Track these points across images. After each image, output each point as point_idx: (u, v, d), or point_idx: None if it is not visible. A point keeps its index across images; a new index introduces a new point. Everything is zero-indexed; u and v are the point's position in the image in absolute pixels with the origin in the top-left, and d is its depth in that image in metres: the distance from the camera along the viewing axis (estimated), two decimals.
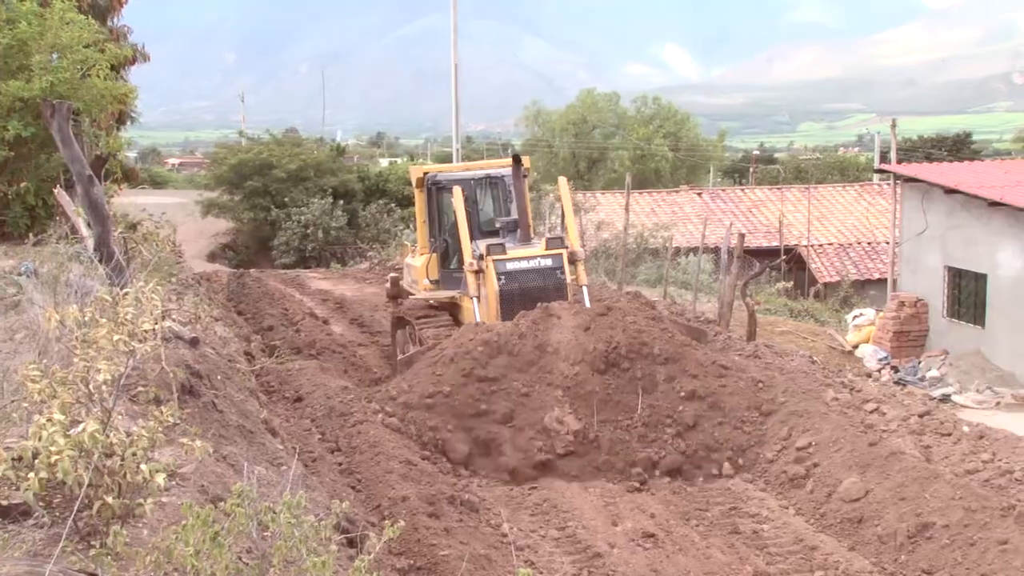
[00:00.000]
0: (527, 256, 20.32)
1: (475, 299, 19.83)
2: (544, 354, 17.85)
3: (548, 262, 20.24)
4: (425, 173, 23.55)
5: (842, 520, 15.40)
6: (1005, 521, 14.65)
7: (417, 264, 23.02)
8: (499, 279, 19.71)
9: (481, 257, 19.79)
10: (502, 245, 20.34)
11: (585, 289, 20.70)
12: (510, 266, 19.93)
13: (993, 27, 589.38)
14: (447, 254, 22.52)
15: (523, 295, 19.61)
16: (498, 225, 21.92)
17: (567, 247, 20.68)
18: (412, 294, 23.40)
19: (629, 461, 16.81)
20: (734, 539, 14.95)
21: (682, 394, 17.53)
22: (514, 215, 22.14)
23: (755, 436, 17.40)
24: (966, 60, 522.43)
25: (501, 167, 23.62)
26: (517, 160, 21.96)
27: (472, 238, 20.50)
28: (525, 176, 22.23)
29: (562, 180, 23.54)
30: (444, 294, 22.09)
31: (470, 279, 19.95)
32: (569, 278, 20.47)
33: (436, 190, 22.87)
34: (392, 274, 26.47)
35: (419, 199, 23.39)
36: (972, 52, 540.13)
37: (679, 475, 16.88)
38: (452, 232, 22.03)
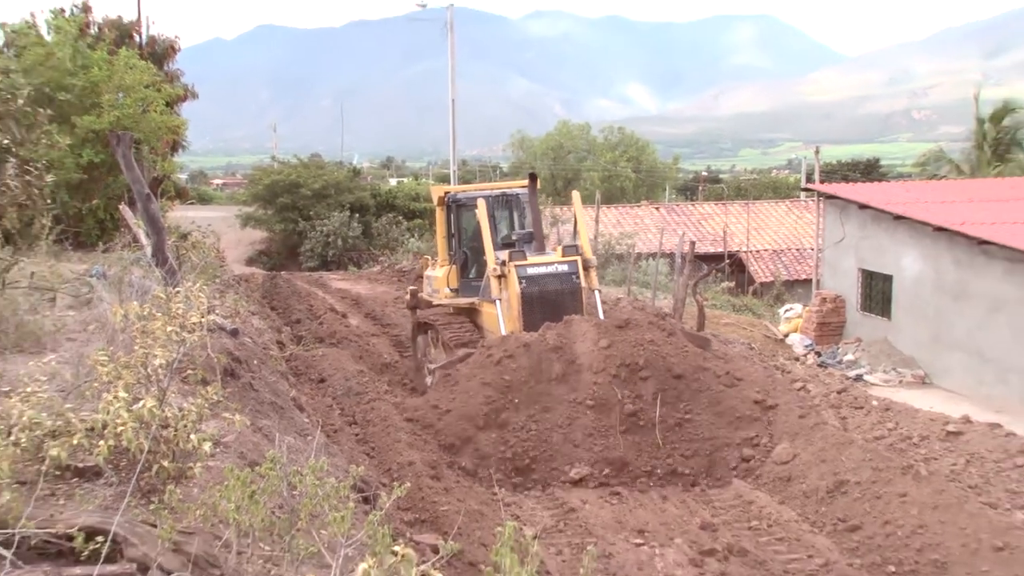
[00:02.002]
0: (545, 262, 19.22)
1: (497, 301, 18.79)
2: (570, 367, 16.82)
3: (564, 268, 19.13)
4: (446, 193, 22.32)
5: (774, 479, 15.58)
6: (904, 478, 14.84)
7: (438, 275, 21.85)
8: (520, 283, 18.62)
9: (503, 263, 18.74)
10: (523, 252, 19.30)
11: (597, 293, 19.78)
12: (530, 271, 18.83)
13: (896, 72, 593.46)
14: (466, 265, 21.41)
15: (542, 298, 18.68)
16: (514, 238, 20.65)
17: (581, 254, 19.49)
18: (431, 304, 22.26)
19: (648, 474, 15.79)
20: (686, 496, 15.13)
21: (698, 407, 16.59)
22: (528, 228, 21.17)
23: (762, 442, 16.34)
24: (874, 99, 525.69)
25: (515, 187, 22.72)
26: (533, 178, 21.19)
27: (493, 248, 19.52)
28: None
29: (575, 195, 22.27)
30: (464, 300, 20.90)
31: (493, 283, 18.95)
32: (583, 283, 19.31)
33: (456, 208, 21.68)
34: (411, 287, 24.83)
35: (440, 216, 22.18)
36: (879, 92, 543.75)
37: (693, 485, 15.74)
38: (470, 245, 21.25)
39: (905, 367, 26.96)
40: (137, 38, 35.86)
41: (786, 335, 30.77)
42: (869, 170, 78.13)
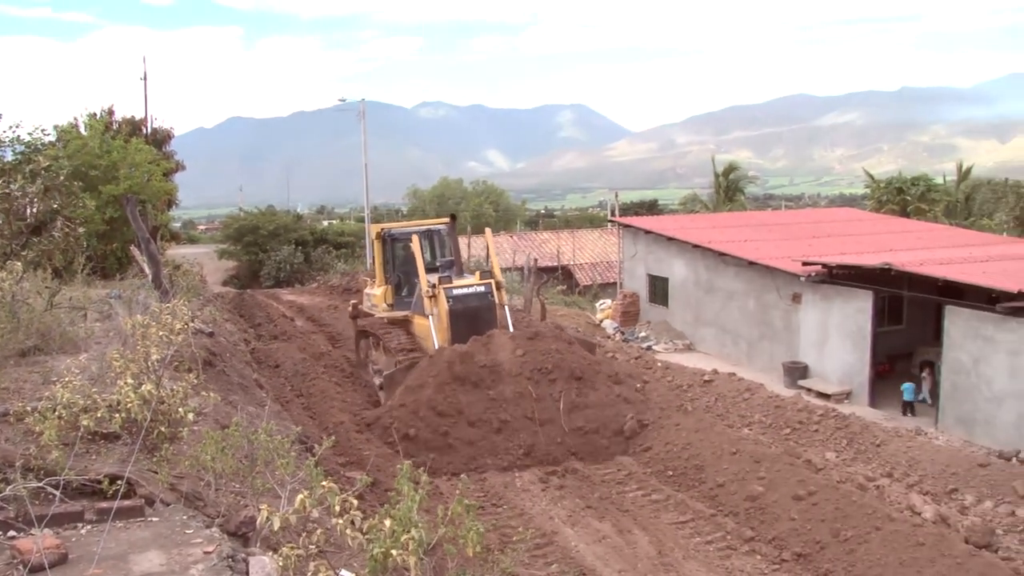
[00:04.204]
0: (467, 284, 17.87)
1: (430, 316, 17.34)
2: (494, 372, 15.67)
3: (482, 288, 17.77)
4: (383, 229, 20.50)
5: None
6: (678, 413, 15.37)
7: (377, 293, 20.19)
8: (448, 301, 17.25)
9: (434, 286, 17.42)
10: (449, 277, 17.98)
11: (507, 308, 18.27)
12: (456, 292, 17.46)
13: (664, 143, 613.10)
14: (399, 285, 19.75)
15: (465, 312, 17.33)
16: (438, 264, 19.41)
17: (493, 278, 18.22)
18: (370, 314, 20.56)
19: (556, 454, 14.79)
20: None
21: (589, 400, 15.62)
22: (449, 257, 19.74)
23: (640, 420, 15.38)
24: (653, 160, 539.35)
25: (437, 224, 21.06)
26: (453, 218, 20.29)
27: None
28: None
29: (488, 231, 20.79)
30: (399, 314, 19.21)
31: (426, 302, 17.38)
32: (496, 300, 17.99)
33: (391, 241, 20.00)
34: (353, 300, 22.93)
35: (377, 248, 20.37)
36: (655, 156, 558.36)
37: (591, 460, 14.76)
38: (403, 270, 19.62)
39: (678, 339, 27.62)
40: (144, 130, 36.12)
41: (601, 321, 31.21)
42: (651, 208, 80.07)
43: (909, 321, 24.40)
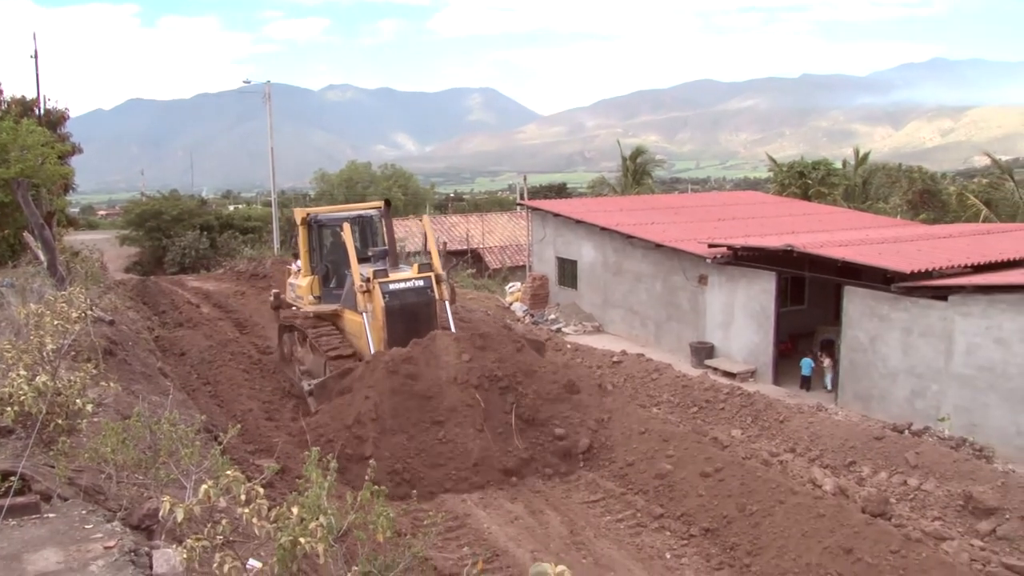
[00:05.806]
0: (405, 278, 16.24)
1: (364, 313, 15.83)
2: (438, 381, 13.95)
3: (421, 283, 16.25)
4: (308, 214, 18.69)
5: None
6: (596, 392, 15.42)
7: (303, 284, 18.51)
8: (384, 296, 15.76)
9: (368, 280, 15.86)
10: (385, 270, 16.27)
11: (448, 304, 16.70)
12: (392, 286, 15.93)
13: (573, 126, 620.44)
14: (327, 276, 18.23)
15: (403, 309, 15.87)
16: (370, 253, 17.40)
17: (433, 270, 16.64)
18: (293, 306, 19.03)
19: (506, 469, 13.21)
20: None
21: (544, 416, 14.05)
22: (382, 246, 17.87)
23: (600, 437, 14.00)
24: (561, 144, 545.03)
25: (368, 209, 19.41)
26: (388, 204, 18.60)
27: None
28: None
29: (426, 218, 19.65)
30: (328, 307, 17.60)
31: (359, 297, 15.84)
32: (436, 296, 16.48)
33: (317, 227, 18.35)
34: (275, 290, 21.13)
35: (302, 234, 18.48)
36: (564, 139, 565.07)
37: (544, 477, 13.33)
38: (331, 259, 18.13)
39: (587, 321, 27.95)
40: (36, 111, 34.46)
41: (511, 304, 31.32)
42: (560, 191, 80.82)
43: (811, 301, 25.22)
